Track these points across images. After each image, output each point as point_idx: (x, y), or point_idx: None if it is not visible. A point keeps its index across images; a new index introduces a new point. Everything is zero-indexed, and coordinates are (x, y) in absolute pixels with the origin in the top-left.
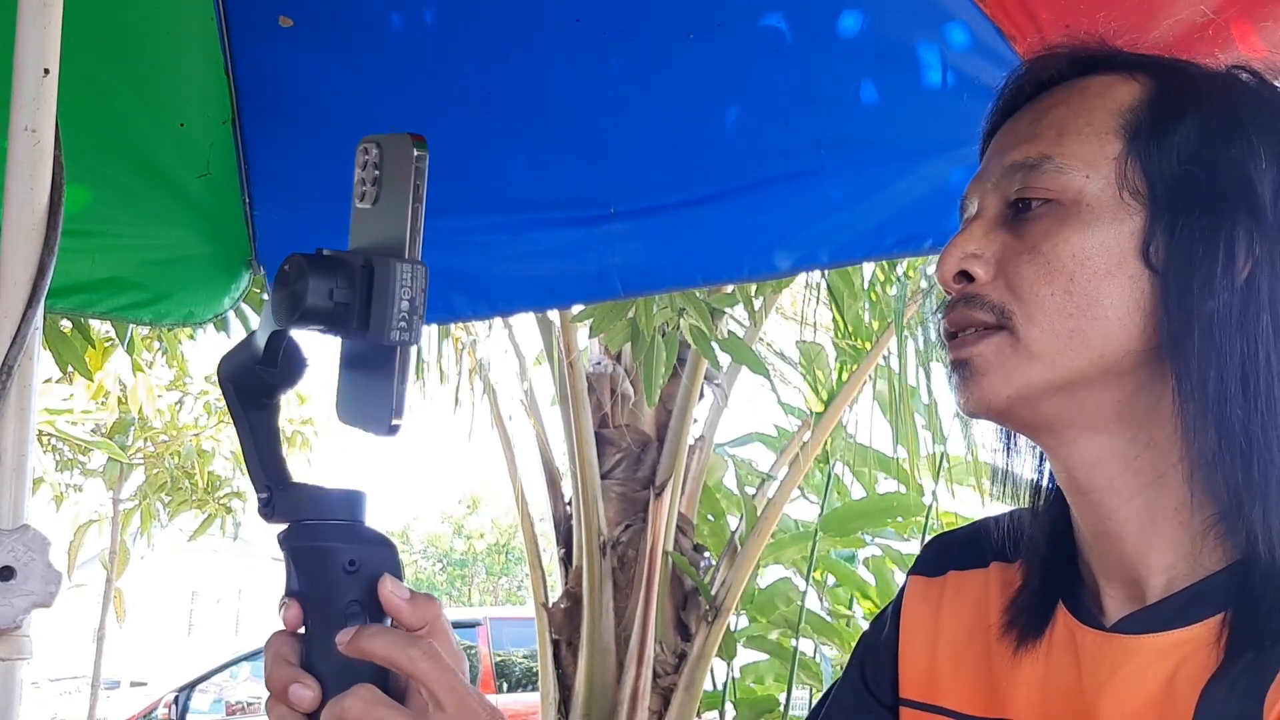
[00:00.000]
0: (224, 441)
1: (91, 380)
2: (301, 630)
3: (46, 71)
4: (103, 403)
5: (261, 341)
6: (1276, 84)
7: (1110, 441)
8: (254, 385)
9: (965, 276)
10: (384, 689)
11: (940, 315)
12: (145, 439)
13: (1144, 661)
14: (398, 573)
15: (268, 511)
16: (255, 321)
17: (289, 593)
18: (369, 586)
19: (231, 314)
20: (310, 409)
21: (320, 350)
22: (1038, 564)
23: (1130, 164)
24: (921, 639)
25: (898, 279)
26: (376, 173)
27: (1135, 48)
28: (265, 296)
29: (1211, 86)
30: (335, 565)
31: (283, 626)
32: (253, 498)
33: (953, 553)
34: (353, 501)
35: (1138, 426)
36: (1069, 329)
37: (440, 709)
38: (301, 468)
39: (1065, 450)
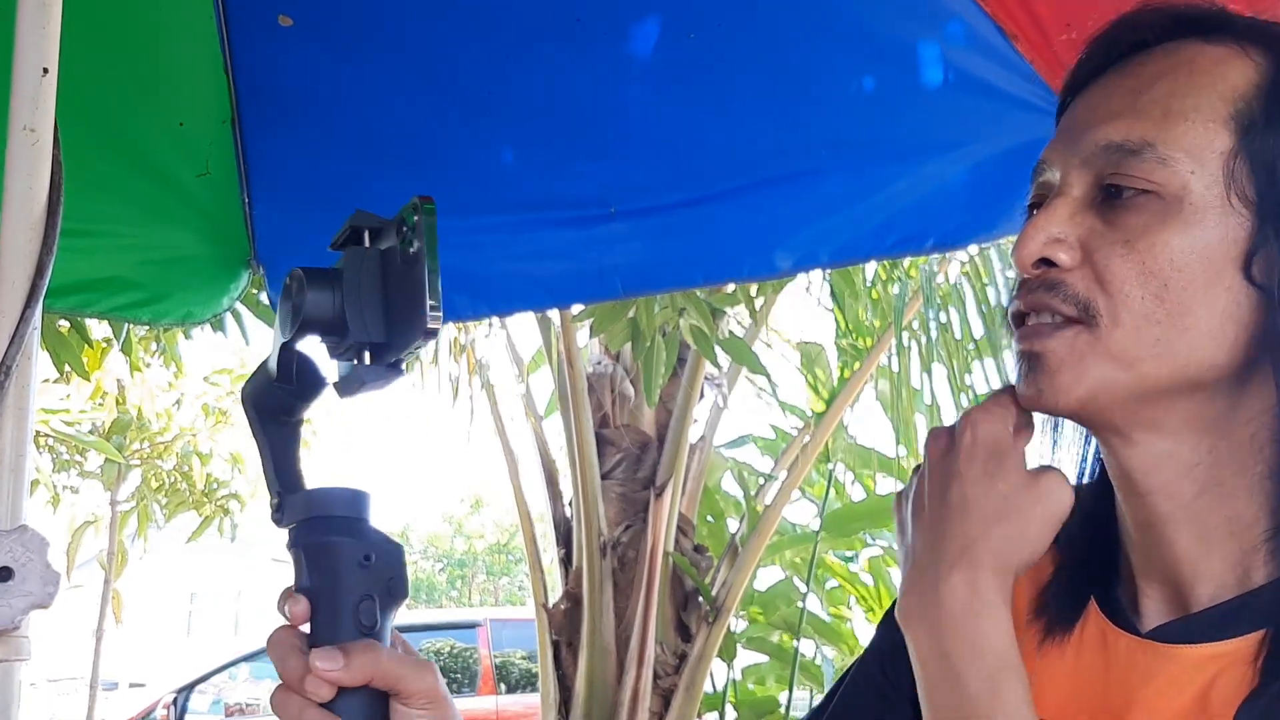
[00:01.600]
0: (221, 443)
1: (89, 380)
2: (304, 627)
3: (46, 71)
4: (100, 403)
5: (274, 359)
6: None
7: (1173, 446)
8: (274, 404)
9: (1046, 261)
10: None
11: (1013, 298)
12: (143, 440)
13: (1178, 672)
14: (403, 573)
15: (278, 516)
16: (252, 321)
17: (299, 589)
18: (383, 581)
19: (228, 315)
20: (307, 409)
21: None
22: (1073, 554)
23: (1239, 162)
24: None
25: (899, 278)
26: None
27: None
28: (263, 297)
29: None
30: (351, 560)
31: (285, 622)
32: (250, 499)
33: None
34: (360, 500)
35: (1204, 433)
36: (1155, 336)
37: None
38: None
39: (1126, 450)
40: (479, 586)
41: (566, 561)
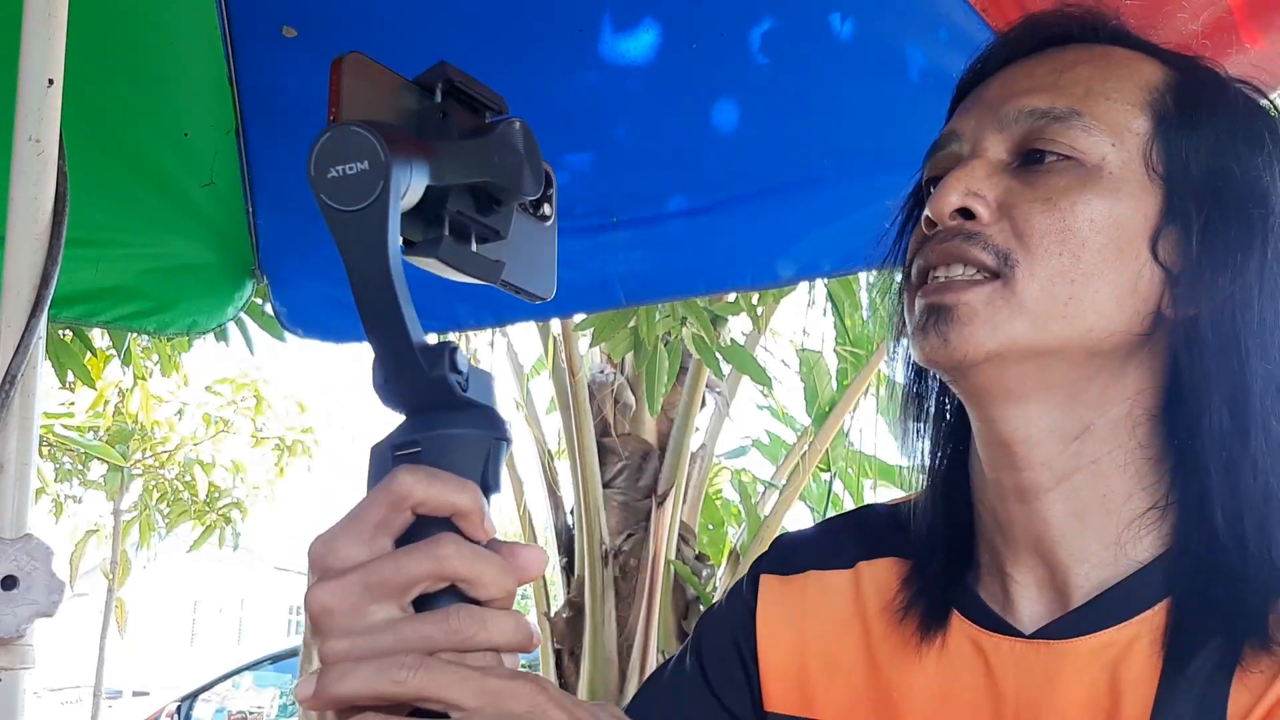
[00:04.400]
0: (223, 452)
1: (94, 388)
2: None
3: (51, 82)
4: (101, 411)
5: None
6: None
7: (1055, 419)
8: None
9: (965, 214)
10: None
11: (913, 256)
12: (145, 449)
13: (1080, 666)
14: None
15: (464, 381)
16: (256, 332)
17: (482, 486)
18: None
19: (232, 324)
20: (310, 418)
21: (322, 357)
22: (930, 561)
23: (1156, 147)
24: (786, 645)
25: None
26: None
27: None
28: (268, 307)
29: (1236, 90)
30: None
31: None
32: (252, 508)
33: (808, 551)
34: None
35: (1084, 408)
36: (1067, 294)
37: None
38: (302, 474)
39: (1010, 419)
40: None
41: (568, 570)
